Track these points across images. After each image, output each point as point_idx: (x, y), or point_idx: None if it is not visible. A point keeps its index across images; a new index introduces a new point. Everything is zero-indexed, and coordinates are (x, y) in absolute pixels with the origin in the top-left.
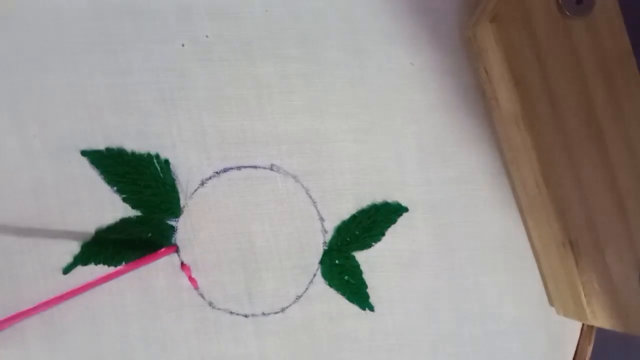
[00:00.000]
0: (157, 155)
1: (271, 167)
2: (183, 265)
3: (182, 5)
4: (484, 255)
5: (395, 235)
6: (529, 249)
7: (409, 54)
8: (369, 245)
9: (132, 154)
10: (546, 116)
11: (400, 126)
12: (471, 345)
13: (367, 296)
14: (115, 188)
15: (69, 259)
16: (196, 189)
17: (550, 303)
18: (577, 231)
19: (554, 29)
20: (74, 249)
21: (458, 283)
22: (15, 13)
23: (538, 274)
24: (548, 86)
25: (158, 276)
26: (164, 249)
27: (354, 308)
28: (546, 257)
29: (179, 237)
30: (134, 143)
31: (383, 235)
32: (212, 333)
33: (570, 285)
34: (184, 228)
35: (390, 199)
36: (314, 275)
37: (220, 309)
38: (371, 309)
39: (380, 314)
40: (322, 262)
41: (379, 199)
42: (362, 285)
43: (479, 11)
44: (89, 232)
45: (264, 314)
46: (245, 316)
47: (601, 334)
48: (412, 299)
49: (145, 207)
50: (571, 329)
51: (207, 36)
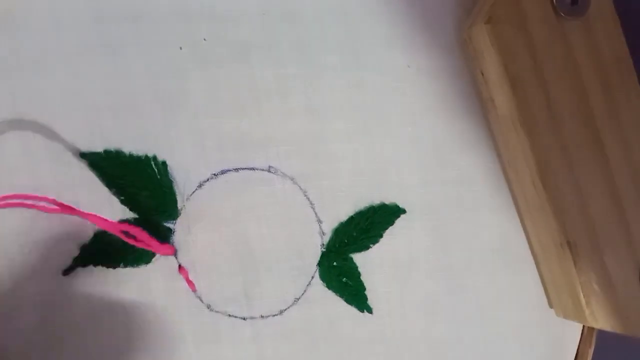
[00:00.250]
0: (155, 158)
1: (269, 169)
2: (180, 268)
3: (181, 9)
4: (483, 257)
5: (393, 237)
6: (527, 251)
7: (405, 56)
8: (366, 247)
9: (130, 156)
10: (543, 118)
11: (397, 128)
12: (470, 348)
13: (366, 298)
14: (113, 190)
15: (68, 260)
16: (194, 191)
17: (550, 305)
18: (576, 232)
19: (550, 30)
20: (74, 250)
21: (456, 285)
22: (14, 16)
23: (537, 276)
24: (544, 88)
25: (156, 279)
26: (163, 245)
27: (352, 310)
28: (545, 259)
29: (176, 240)
30: (132, 145)
31: (381, 237)
32: (210, 336)
33: (569, 287)
34: (182, 230)
35: (388, 200)
36: (312, 278)
37: (218, 312)
38: (369, 310)
39: (379, 316)
40: (320, 264)
41: (376, 200)
42: (361, 287)
43: (474, 13)
44: (88, 234)
45: (262, 317)
46: (244, 319)
47: (602, 336)
48: (411, 300)
49: (142, 209)
50: (572, 332)
51: (205, 39)
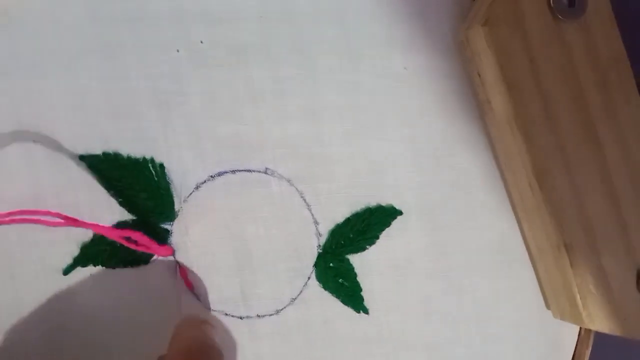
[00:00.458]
0: (152, 160)
1: (266, 171)
2: (180, 268)
3: (178, 11)
4: (479, 259)
5: (389, 239)
6: (524, 252)
7: (402, 58)
8: (363, 249)
9: (128, 158)
10: (540, 119)
11: (394, 130)
12: (467, 349)
13: (362, 299)
14: (111, 192)
15: (68, 260)
16: (191, 193)
17: (547, 306)
18: (572, 234)
19: (547, 32)
20: (74, 250)
21: (453, 286)
22: (13, 19)
23: (534, 277)
24: (541, 89)
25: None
26: (162, 246)
27: (348, 311)
28: (541, 260)
29: (174, 241)
30: (130, 147)
31: (377, 238)
32: None
33: (566, 289)
34: (179, 231)
35: (384, 202)
36: (309, 278)
37: (215, 311)
38: (366, 311)
39: (375, 317)
40: (317, 265)
41: (373, 202)
42: (357, 288)
43: (471, 15)
44: (87, 235)
45: (258, 316)
46: (240, 318)
47: (599, 337)
48: (407, 302)
49: (140, 211)
50: (569, 333)
51: (202, 42)
